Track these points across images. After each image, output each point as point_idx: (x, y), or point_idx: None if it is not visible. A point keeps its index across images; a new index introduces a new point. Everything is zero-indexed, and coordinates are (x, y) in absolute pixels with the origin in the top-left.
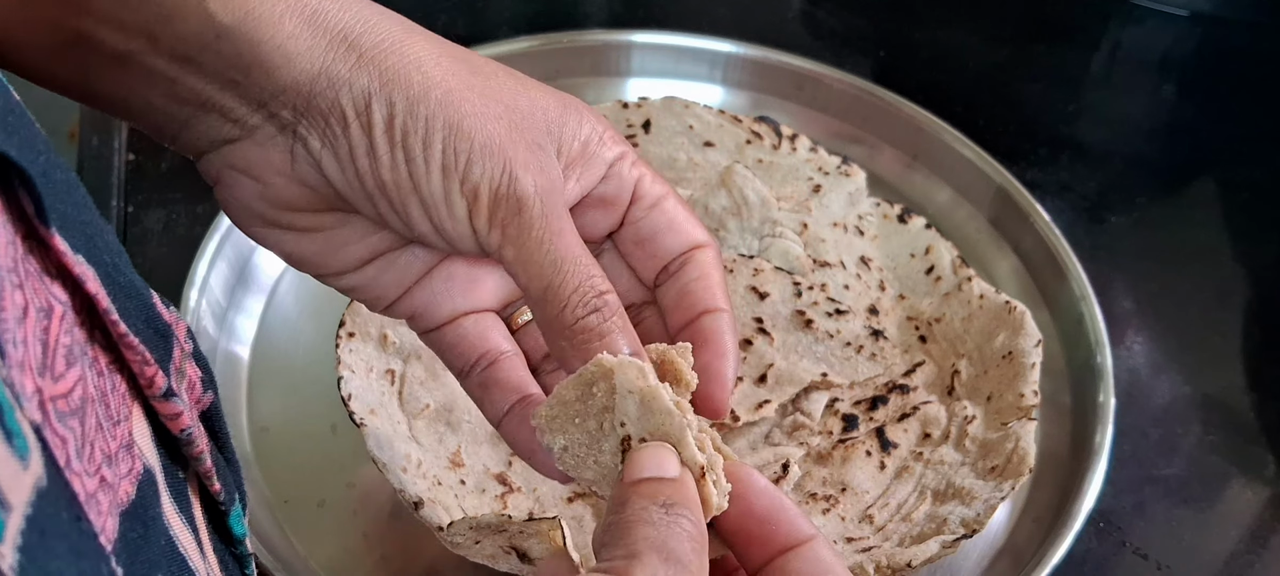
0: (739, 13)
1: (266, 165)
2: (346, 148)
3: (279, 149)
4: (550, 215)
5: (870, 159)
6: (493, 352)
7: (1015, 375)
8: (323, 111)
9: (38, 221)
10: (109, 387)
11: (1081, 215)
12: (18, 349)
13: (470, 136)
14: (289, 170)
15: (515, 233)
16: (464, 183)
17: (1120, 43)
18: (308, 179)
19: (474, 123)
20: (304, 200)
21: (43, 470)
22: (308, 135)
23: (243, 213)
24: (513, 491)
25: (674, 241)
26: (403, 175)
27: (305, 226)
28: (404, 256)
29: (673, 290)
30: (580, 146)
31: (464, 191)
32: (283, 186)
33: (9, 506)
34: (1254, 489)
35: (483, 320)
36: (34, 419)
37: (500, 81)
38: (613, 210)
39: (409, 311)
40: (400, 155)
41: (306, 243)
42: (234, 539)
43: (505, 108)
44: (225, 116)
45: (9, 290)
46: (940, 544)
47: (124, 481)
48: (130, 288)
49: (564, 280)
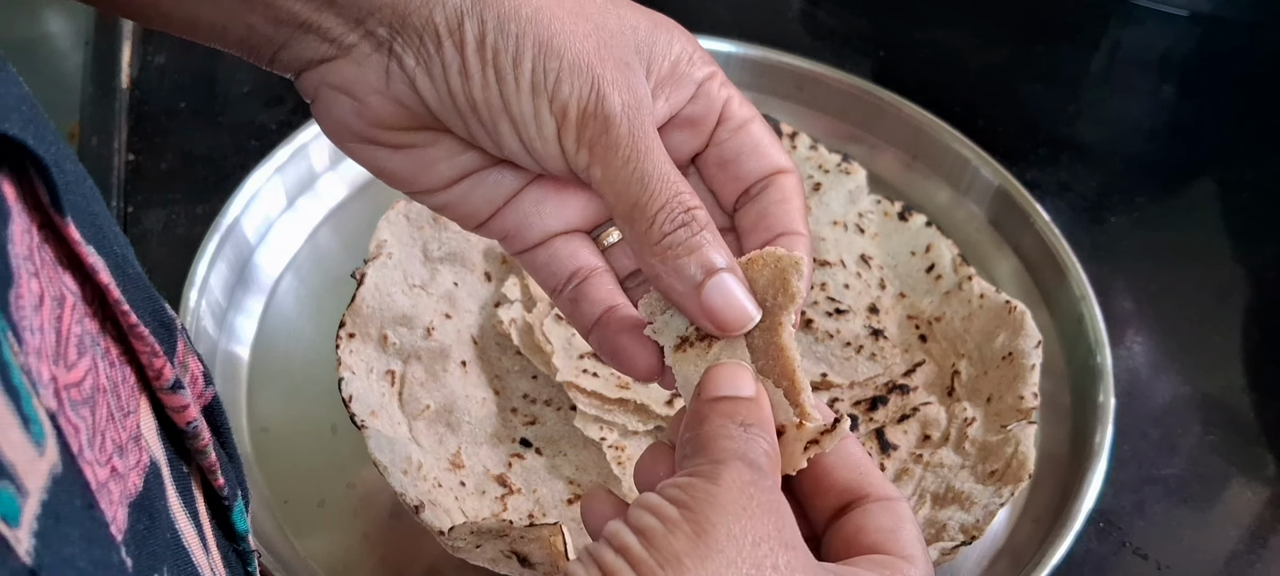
0: (739, 13)
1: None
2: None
3: (375, 67)
4: (637, 133)
5: (870, 159)
6: (584, 270)
7: (1015, 376)
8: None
9: (53, 211)
10: (119, 379)
11: (1081, 215)
12: (35, 336)
13: (559, 54)
14: (384, 88)
15: (602, 151)
16: (553, 101)
17: (1120, 43)
18: (402, 97)
19: (563, 40)
20: (398, 118)
21: (58, 457)
22: (402, 53)
23: (338, 129)
24: (513, 493)
25: (757, 165)
26: (494, 93)
27: (398, 143)
28: (493, 176)
29: (752, 212)
30: (670, 66)
31: (553, 110)
32: (378, 104)
33: (26, 491)
34: (1254, 489)
35: (572, 240)
36: (50, 406)
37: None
38: (700, 131)
39: (500, 231)
40: (491, 74)
41: (398, 159)
42: (237, 535)
43: (594, 25)
44: (323, 36)
45: (26, 278)
46: (940, 551)
47: (133, 472)
48: (138, 279)
49: (651, 197)
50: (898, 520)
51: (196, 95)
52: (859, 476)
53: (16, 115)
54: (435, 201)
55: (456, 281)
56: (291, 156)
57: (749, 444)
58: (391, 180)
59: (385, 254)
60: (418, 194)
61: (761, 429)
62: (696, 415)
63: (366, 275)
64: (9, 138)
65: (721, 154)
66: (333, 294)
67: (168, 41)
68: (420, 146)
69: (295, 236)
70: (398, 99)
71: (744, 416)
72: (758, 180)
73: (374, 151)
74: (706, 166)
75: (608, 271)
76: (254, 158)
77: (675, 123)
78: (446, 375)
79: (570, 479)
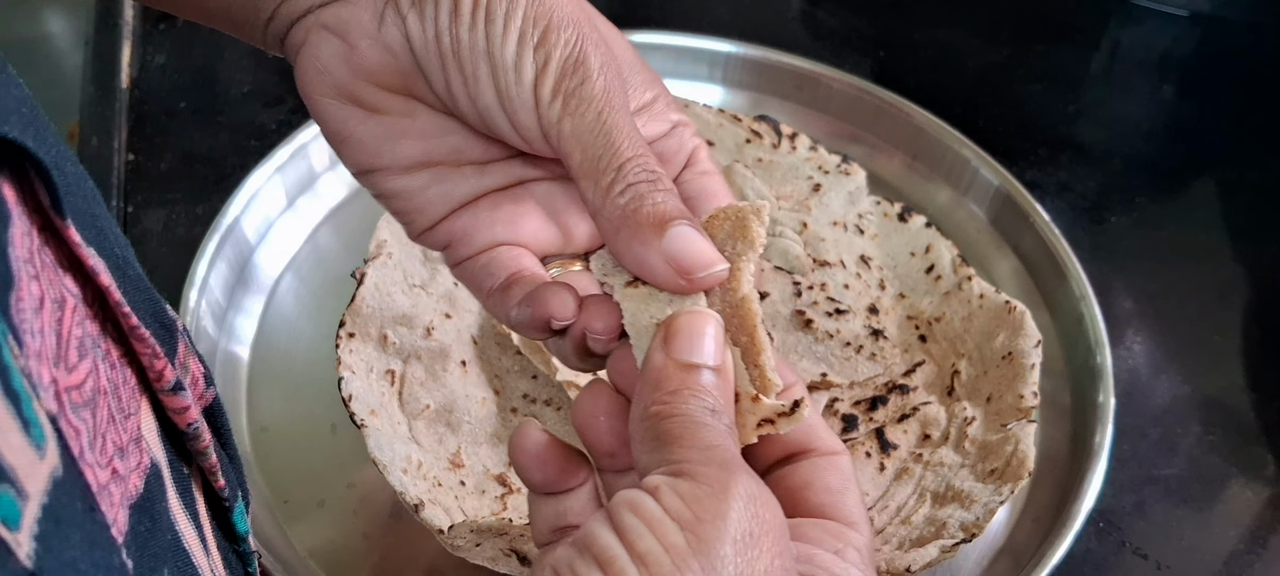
0: (739, 13)
1: (357, 25)
2: (433, 6)
3: (371, 10)
4: (612, 91)
5: (870, 159)
6: (525, 273)
7: (1015, 376)
8: None
9: (53, 213)
10: (120, 380)
11: (1081, 215)
12: (35, 339)
13: (551, 10)
14: (376, 32)
15: (576, 103)
16: (537, 48)
17: (1120, 43)
18: (392, 42)
19: (561, 8)
20: (382, 69)
21: (59, 460)
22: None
23: (321, 78)
24: (512, 492)
25: (715, 208)
26: (480, 35)
27: (373, 104)
28: (455, 176)
29: None
30: (651, 98)
31: (536, 57)
32: (367, 49)
33: (26, 495)
34: (1254, 489)
35: (518, 251)
36: (50, 409)
37: (587, 5)
38: (668, 165)
39: (448, 235)
40: (481, 15)
41: (369, 125)
42: (237, 536)
43: (589, 14)
44: None
45: (26, 281)
46: (940, 548)
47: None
48: (139, 281)
49: (618, 151)
50: (844, 480)
51: (196, 95)
52: (806, 428)
53: (17, 117)
54: (392, 186)
55: (456, 281)
56: (291, 156)
57: (725, 436)
58: (357, 150)
59: (385, 253)
60: (378, 172)
61: (727, 411)
62: (663, 378)
63: (366, 275)
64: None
65: (686, 191)
66: (333, 293)
67: (168, 41)
68: (394, 114)
69: (295, 236)
70: (387, 45)
71: (714, 398)
72: None
73: (348, 112)
74: None
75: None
76: (254, 157)
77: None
78: (446, 375)
79: None
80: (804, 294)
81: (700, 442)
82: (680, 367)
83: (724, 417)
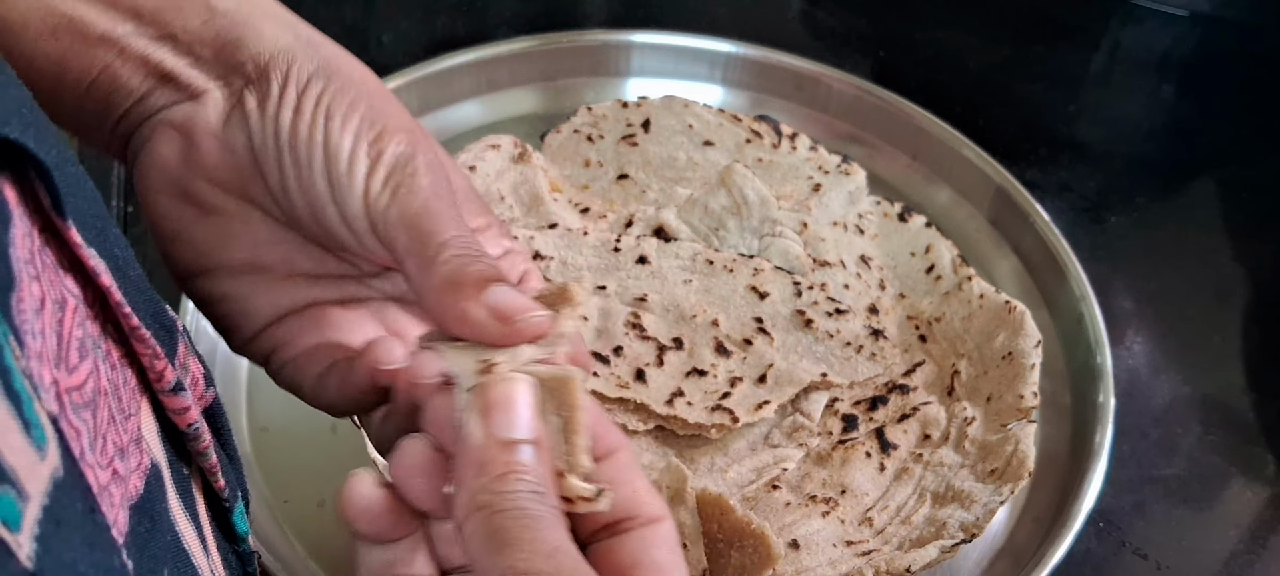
0: (739, 13)
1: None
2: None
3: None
4: (438, 187)
5: (870, 159)
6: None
7: (1015, 376)
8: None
9: (54, 214)
10: (121, 381)
11: (1081, 215)
12: (36, 340)
13: (387, 118)
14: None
15: (405, 192)
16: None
17: (1120, 43)
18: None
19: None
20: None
21: (59, 461)
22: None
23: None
24: None
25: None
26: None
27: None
28: (285, 284)
29: None
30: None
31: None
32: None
33: (27, 496)
34: (1254, 489)
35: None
36: (51, 410)
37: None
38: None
39: (272, 342)
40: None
41: (203, 226)
42: (237, 537)
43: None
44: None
45: (27, 282)
46: (939, 548)
47: (133, 475)
48: (139, 282)
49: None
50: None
51: None
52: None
53: (17, 118)
54: (218, 289)
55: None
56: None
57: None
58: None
59: None
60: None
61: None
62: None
63: None
64: (10, 141)
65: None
66: None
67: None
68: (228, 215)
69: None
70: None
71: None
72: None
73: (182, 210)
74: None
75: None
76: None
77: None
78: None
79: None
80: (804, 294)
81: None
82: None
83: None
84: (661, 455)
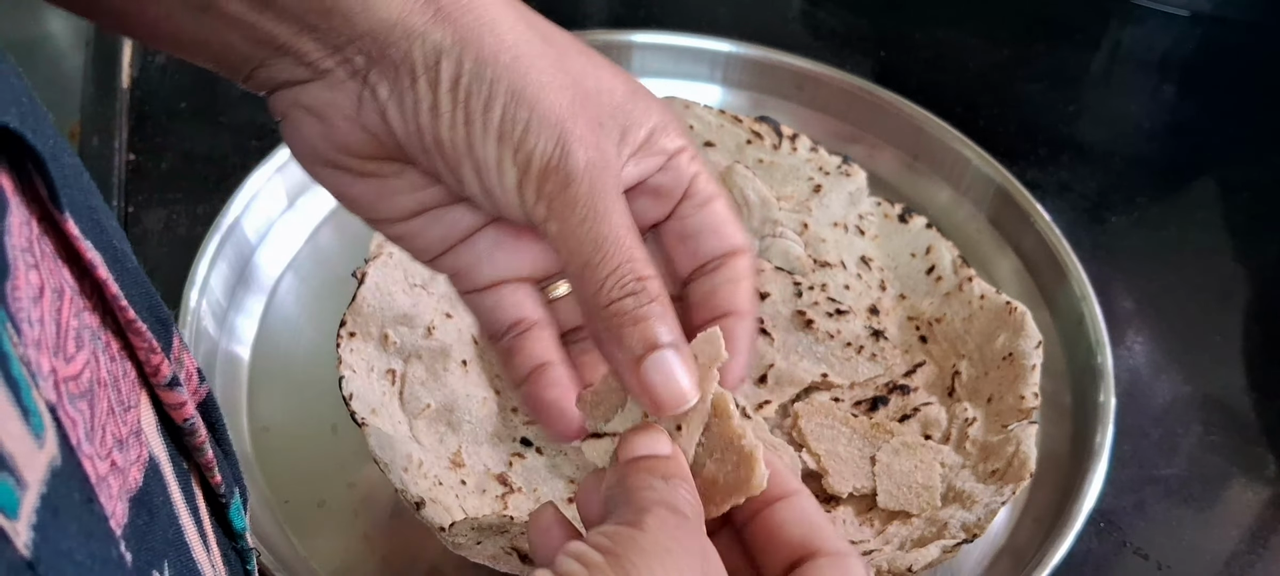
0: (739, 13)
1: (334, 107)
2: (412, 100)
3: (348, 93)
4: (598, 194)
5: (870, 159)
6: (525, 322)
7: (1016, 377)
8: (394, 61)
9: (51, 205)
10: (120, 373)
11: (1082, 215)
12: (34, 328)
13: (531, 105)
14: (355, 114)
15: (560, 207)
16: (517, 150)
17: (1120, 43)
18: (371, 125)
19: (536, 92)
20: (365, 145)
21: (57, 449)
22: (377, 83)
23: (305, 150)
24: (513, 492)
25: (715, 243)
26: (460, 135)
27: (362, 171)
28: (451, 214)
29: (704, 287)
30: (645, 134)
31: (516, 159)
32: (347, 129)
33: (25, 484)
34: (1254, 488)
35: (519, 289)
36: (50, 398)
37: (572, 57)
38: (664, 201)
39: (451, 269)
40: (460, 115)
41: (361, 186)
42: (234, 533)
43: (572, 80)
44: (299, 60)
45: (24, 269)
46: (941, 549)
47: (133, 467)
48: (136, 275)
49: (604, 259)
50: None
51: (197, 95)
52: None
53: (15, 108)
54: (392, 232)
55: None
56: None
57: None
58: (353, 206)
59: (386, 253)
60: (377, 222)
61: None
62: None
63: (367, 274)
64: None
65: (682, 227)
66: (334, 293)
67: None
68: (384, 176)
69: (296, 236)
70: (367, 126)
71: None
72: (713, 258)
73: (338, 176)
74: (667, 237)
75: (549, 325)
76: (255, 157)
77: (642, 189)
78: (447, 374)
79: (571, 478)
80: (804, 294)
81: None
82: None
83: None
84: None
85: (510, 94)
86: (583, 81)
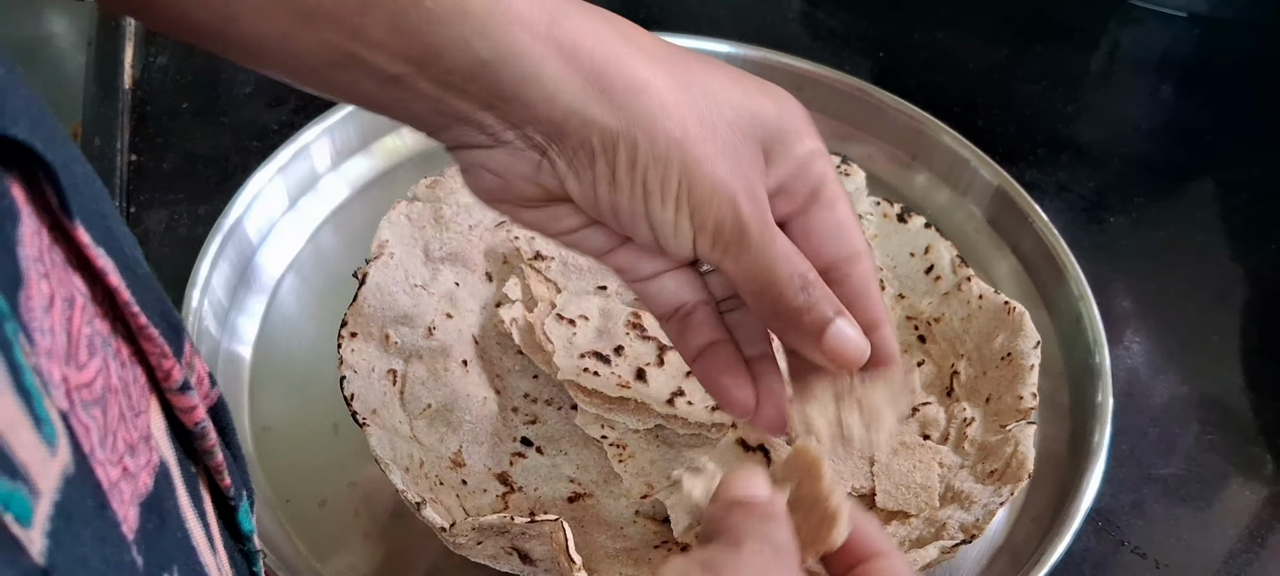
0: (739, 13)
1: (513, 171)
2: (591, 176)
3: (527, 161)
4: (765, 233)
5: (869, 159)
6: (689, 304)
7: (1014, 377)
8: (572, 144)
9: (61, 214)
10: (130, 379)
11: (1080, 215)
12: (46, 337)
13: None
14: (534, 176)
15: (736, 251)
16: (693, 216)
17: (1119, 43)
18: (549, 186)
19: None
20: (540, 196)
21: (70, 457)
22: (556, 158)
23: (485, 195)
24: (514, 491)
25: (838, 245)
26: (639, 204)
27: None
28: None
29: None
30: (783, 147)
31: (692, 222)
32: (524, 187)
33: (38, 492)
34: (1252, 488)
35: (679, 275)
36: (62, 407)
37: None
38: (794, 199)
39: (615, 266)
40: (639, 190)
41: (533, 215)
42: (242, 535)
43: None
44: (482, 130)
45: (35, 279)
46: (939, 549)
47: (143, 472)
48: (147, 280)
49: (775, 280)
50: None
51: (199, 96)
52: (864, 537)
53: (25, 118)
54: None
55: (458, 281)
56: (294, 157)
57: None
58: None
59: (387, 254)
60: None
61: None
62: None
63: (368, 275)
64: (17, 141)
65: (808, 226)
66: (335, 293)
67: (170, 42)
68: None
69: (297, 236)
70: (544, 186)
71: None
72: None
73: (514, 210)
74: (791, 231)
75: (708, 301)
76: (256, 158)
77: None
78: (448, 374)
79: (571, 477)
80: None
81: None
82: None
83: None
84: (661, 455)
85: (682, 170)
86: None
